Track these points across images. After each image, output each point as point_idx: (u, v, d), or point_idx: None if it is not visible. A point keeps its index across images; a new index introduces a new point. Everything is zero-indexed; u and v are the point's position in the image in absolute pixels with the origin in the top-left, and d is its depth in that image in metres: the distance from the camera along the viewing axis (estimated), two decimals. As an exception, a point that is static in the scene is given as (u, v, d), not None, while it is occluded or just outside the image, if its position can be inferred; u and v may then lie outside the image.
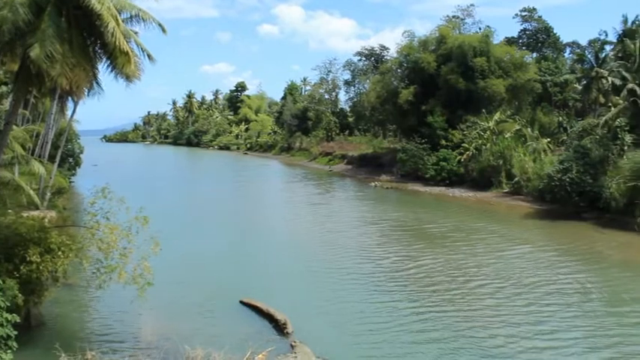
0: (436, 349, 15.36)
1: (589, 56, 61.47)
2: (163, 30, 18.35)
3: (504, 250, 27.75)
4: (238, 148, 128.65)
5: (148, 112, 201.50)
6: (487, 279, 22.46)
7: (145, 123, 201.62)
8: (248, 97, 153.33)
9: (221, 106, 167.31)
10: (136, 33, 17.90)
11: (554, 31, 79.46)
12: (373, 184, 58.74)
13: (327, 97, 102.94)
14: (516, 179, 46.52)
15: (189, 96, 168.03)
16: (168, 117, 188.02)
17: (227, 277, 22.74)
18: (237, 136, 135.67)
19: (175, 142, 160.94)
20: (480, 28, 66.95)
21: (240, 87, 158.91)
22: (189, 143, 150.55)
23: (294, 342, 15.41)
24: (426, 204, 45.81)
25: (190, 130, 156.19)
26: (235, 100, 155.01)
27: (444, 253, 26.49)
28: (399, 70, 67.97)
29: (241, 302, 19.15)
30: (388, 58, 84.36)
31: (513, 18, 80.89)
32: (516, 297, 20.10)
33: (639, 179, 32.61)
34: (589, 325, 17.44)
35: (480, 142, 52.51)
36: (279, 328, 16.67)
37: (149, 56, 18.16)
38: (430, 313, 18.26)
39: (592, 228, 34.23)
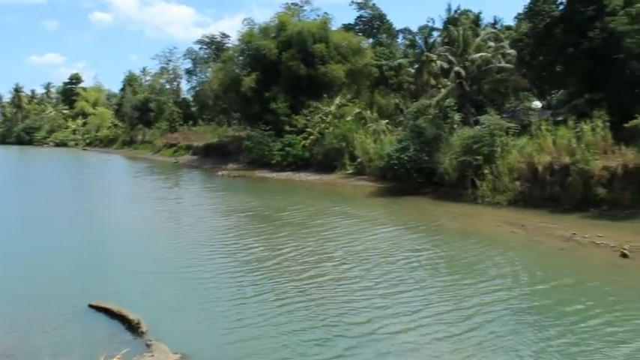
0: (304, 340, 14.86)
1: (419, 42, 65.44)
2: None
3: (357, 231, 28.20)
4: (77, 144, 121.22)
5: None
6: (346, 262, 22.41)
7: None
8: (84, 89, 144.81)
9: (54, 100, 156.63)
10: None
11: (388, 18, 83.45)
12: (220, 173, 58.04)
13: (168, 87, 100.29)
14: (359, 160, 48.16)
15: (17, 90, 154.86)
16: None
17: (74, 282, 20.49)
18: (74, 132, 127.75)
19: (4, 141, 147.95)
20: (318, 15, 68.46)
21: (75, 79, 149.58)
22: (19, 141, 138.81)
23: (150, 340, 14.68)
24: (276, 190, 45.96)
25: (20, 127, 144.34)
26: (70, 93, 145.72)
27: (302, 241, 26.03)
28: (240, 58, 67.56)
29: (90, 306, 17.84)
30: (229, 45, 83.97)
31: (350, 5, 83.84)
32: (375, 277, 20.23)
33: (468, 154, 35.14)
34: (445, 296, 18.22)
35: (323, 126, 53.75)
36: (133, 328, 15.75)
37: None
38: (297, 303, 17.59)
39: (431, 202, 36.51)
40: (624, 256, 21.93)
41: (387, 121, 53.53)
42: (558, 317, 15.99)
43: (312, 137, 53.62)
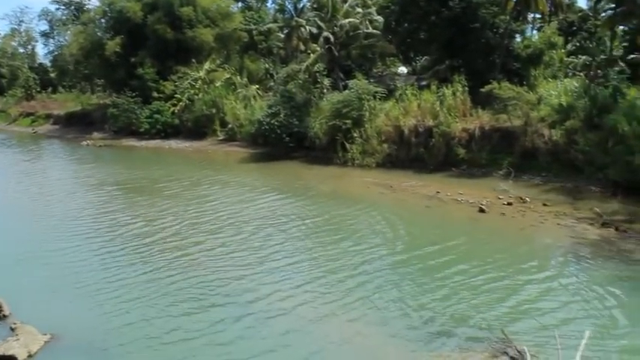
0: (186, 317, 14.26)
1: (289, 6, 64.91)
2: None
3: (234, 199, 27.85)
4: None
5: None
6: (226, 232, 21.87)
7: None
8: None
9: None
10: None
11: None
12: (85, 143, 55.09)
13: (22, 50, 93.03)
14: (230, 126, 47.82)
15: None
16: None
17: None
18: None
19: None
20: (184, -23, 65.88)
21: None
22: None
23: (15, 323, 13.70)
24: (147, 159, 44.46)
25: None
26: None
27: (181, 212, 25.04)
28: (102, 20, 63.70)
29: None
30: (90, 7, 79.05)
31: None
32: (257, 246, 19.98)
33: (337, 118, 35.86)
34: (323, 260, 18.48)
35: (192, 92, 52.41)
36: (-6, 313, 14.56)
37: None
38: (179, 279, 16.72)
39: (303, 166, 37.24)
40: (482, 210, 23.59)
41: (257, 86, 53.23)
42: (427, 270, 17.11)
43: (181, 103, 52.16)
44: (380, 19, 47.42)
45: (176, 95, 52.76)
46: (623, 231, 20.45)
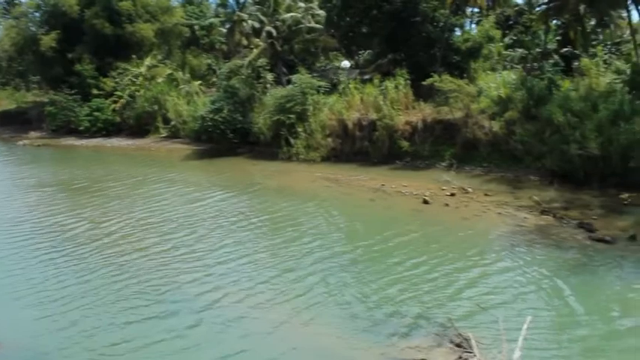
0: (135, 320, 13.95)
1: (231, 1, 64.43)
2: None
3: (181, 198, 27.26)
4: None
5: None
6: (176, 231, 21.43)
7: None
8: None
9: None
10: None
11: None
12: (22, 143, 53.36)
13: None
14: (173, 123, 47.08)
15: None
16: None
17: None
18: None
19: None
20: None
21: None
22: None
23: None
24: (88, 159, 43.26)
25: None
26: None
27: (128, 213, 24.35)
28: (36, 14, 61.55)
29: None
30: (22, 0, 76.29)
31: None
32: (208, 245, 19.67)
33: (281, 113, 35.80)
34: (275, 258, 18.41)
35: (133, 88, 51.35)
36: None
37: None
38: (131, 284, 16.21)
39: (247, 161, 37.10)
40: (426, 202, 24.01)
41: (199, 82, 52.63)
42: (380, 265, 17.27)
43: (122, 100, 51.06)
44: (322, 13, 47.41)
45: (116, 92, 51.63)
46: (560, 218, 21.16)
